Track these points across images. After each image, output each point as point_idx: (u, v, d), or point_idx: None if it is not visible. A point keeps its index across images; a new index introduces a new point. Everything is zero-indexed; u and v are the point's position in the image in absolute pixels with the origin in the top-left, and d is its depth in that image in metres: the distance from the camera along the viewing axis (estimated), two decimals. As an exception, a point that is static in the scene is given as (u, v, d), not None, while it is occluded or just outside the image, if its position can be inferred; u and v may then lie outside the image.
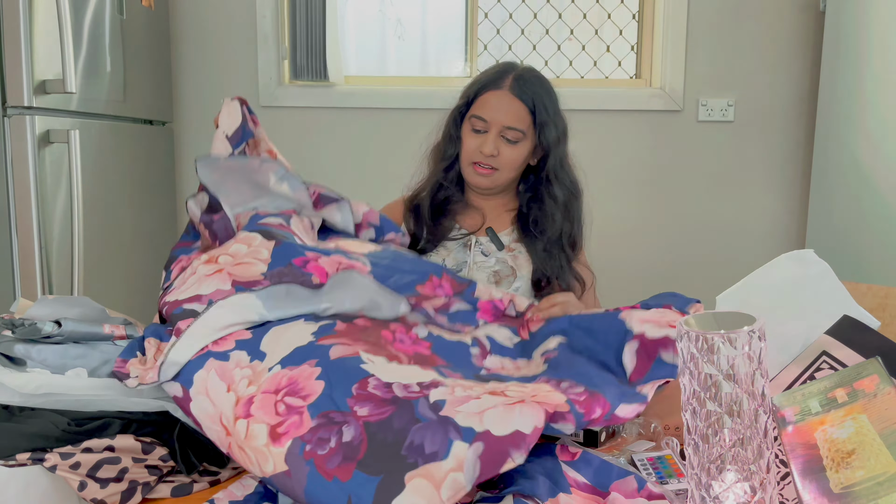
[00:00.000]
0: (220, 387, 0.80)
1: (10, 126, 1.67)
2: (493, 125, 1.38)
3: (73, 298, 1.04)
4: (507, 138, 1.39)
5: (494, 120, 1.38)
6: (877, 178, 2.07)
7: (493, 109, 1.39)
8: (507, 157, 1.40)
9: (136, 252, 2.21)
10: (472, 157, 1.41)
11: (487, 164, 1.40)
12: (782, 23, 2.55)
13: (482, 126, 1.39)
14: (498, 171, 1.41)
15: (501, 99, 1.39)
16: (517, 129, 1.38)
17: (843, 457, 0.67)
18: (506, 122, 1.38)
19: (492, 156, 1.39)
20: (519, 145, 1.40)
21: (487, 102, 1.40)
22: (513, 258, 1.44)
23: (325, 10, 2.52)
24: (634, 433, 0.97)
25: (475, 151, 1.40)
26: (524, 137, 1.40)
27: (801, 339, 0.91)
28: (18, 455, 0.79)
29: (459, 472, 0.69)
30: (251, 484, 0.84)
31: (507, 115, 1.38)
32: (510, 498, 0.74)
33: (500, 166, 1.40)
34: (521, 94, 1.39)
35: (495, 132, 1.38)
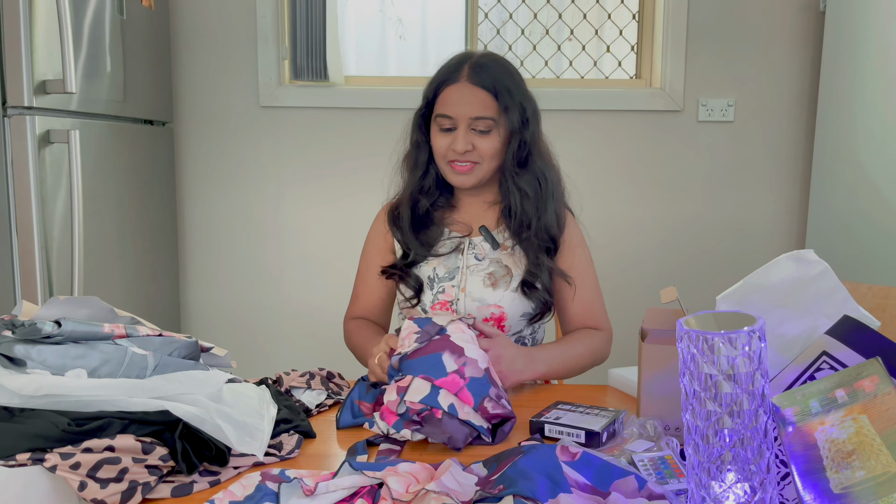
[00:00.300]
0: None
1: (10, 126, 1.67)
2: (460, 120, 1.33)
3: (82, 299, 1.03)
4: (479, 129, 1.33)
5: (460, 114, 1.32)
6: (877, 178, 2.07)
7: (455, 104, 1.33)
8: (484, 148, 1.34)
9: (136, 252, 2.21)
10: (447, 156, 1.36)
11: (466, 161, 1.34)
12: (782, 23, 2.55)
13: (449, 124, 1.34)
14: (479, 165, 1.35)
15: (462, 91, 1.33)
16: (486, 118, 1.32)
17: (843, 457, 0.67)
18: (471, 113, 1.32)
19: (467, 151, 1.33)
20: (492, 134, 1.34)
21: (448, 98, 1.34)
22: (508, 256, 1.39)
23: (325, 10, 2.52)
24: (635, 433, 0.97)
25: (448, 150, 1.35)
26: (495, 125, 1.33)
27: (801, 339, 0.91)
28: (18, 455, 0.79)
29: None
30: (251, 484, 0.84)
31: (471, 107, 1.32)
32: (510, 498, 0.74)
33: (479, 159, 1.35)
34: (480, 81, 1.33)
35: (464, 126, 1.32)
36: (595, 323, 1.41)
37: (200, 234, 2.65)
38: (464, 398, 1.00)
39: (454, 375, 1.00)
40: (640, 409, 1.04)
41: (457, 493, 0.79)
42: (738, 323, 0.65)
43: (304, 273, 2.67)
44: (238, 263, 2.67)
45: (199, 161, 2.62)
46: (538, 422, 1.02)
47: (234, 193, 2.63)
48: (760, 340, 0.64)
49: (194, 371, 0.97)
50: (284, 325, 2.68)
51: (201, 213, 2.64)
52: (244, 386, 1.02)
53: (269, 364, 2.62)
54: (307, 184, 2.62)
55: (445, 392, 0.99)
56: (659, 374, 1.02)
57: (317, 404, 1.13)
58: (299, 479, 0.84)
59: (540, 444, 0.86)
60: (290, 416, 1.03)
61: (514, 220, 1.38)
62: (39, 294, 1.73)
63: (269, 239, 2.65)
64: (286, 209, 2.64)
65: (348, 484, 0.83)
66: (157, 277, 2.38)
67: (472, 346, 1.06)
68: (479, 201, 1.45)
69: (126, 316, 1.07)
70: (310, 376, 1.21)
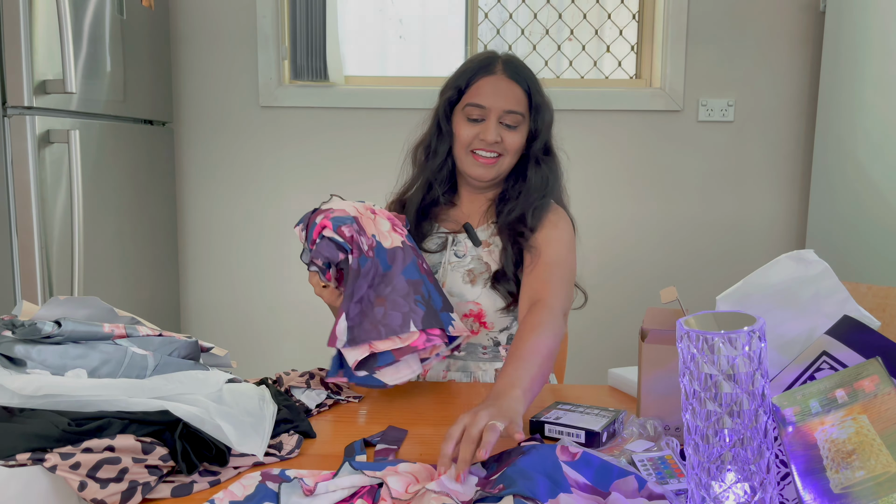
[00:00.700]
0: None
1: (10, 126, 1.67)
2: (492, 111, 1.34)
3: (82, 299, 1.03)
4: (507, 123, 1.35)
5: (494, 105, 1.34)
6: (877, 178, 2.07)
7: (490, 95, 1.34)
8: (510, 142, 1.36)
9: (136, 252, 2.21)
10: (471, 145, 1.36)
11: (492, 151, 1.35)
12: (782, 23, 2.55)
13: (479, 114, 1.35)
14: (502, 157, 1.37)
15: (498, 83, 1.35)
16: (517, 113, 1.35)
17: (843, 457, 0.67)
18: (506, 105, 1.34)
19: (495, 142, 1.34)
20: (519, 129, 1.36)
21: (483, 88, 1.35)
22: (488, 253, 1.39)
23: (325, 11, 2.52)
24: (635, 433, 0.97)
25: (474, 139, 1.35)
26: (523, 121, 1.37)
27: (801, 339, 0.91)
28: (18, 455, 0.79)
29: None
30: (252, 484, 0.84)
31: (506, 100, 1.34)
32: (510, 498, 0.74)
33: (504, 151, 1.36)
34: (515, 76, 1.36)
35: (495, 118, 1.34)
36: (547, 295, 1.24)
37: (200, 234, 2.65)
38: (327, 225, 1.15)
39: (319, 214, 1.19)
40: (640, 409, 1.04)
41: (456, 493, 0.79)
42: (738, 323, 0.65)
43: (304, 273, 2.66)
44: (238, 263, 2.67)
45: (199, 161, 2.62)
46: (538, 422, 1.02)
47: (234, 193, 2.63)
48: (760, 340, 0.64)
49: (194, 371, 0.97)
50: (284, 325, 2.68)
51: (201, 213, 2.64)
52: (244, 386, 1.02)
53: (269, 364, 2.62)
54: (307, 184, 2.62)
55: (317, 225, 1.17)
56: (659, 374, 1.02)
57: (317, 404, 1.13)
58: (299, 479, 0.84)
59: (540, 444, 0.86)
60: (290, 416, 1.03)
61: (507, 204, 1.39)
62: (39, 294, 1.73)
63: (269, 238, 2.65)
64: (286, 209, 2.64)
65: (348, 484, 0.83)
66: (157, 277, 2.38)
67: (339, 206, 1.20)
68: (482, 198, 1.45)
69: (126, 316, 1.07)
70: (310, 376, 1.21)
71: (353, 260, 1.15)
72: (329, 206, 1.21)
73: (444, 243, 1.41)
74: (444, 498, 0.77)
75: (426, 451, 0.99)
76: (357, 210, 1.20)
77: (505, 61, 1.37)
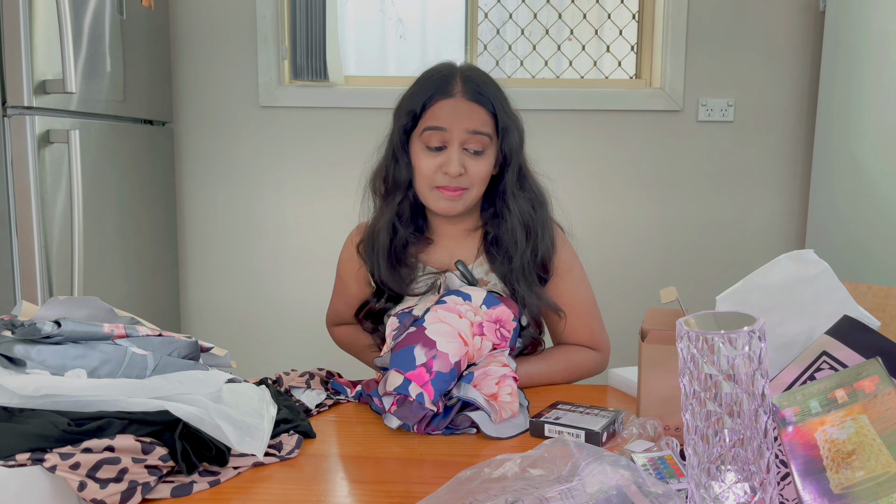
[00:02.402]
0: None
1: (10, 126, 1.67)
2: (454, 134, 1.19)
3: (82, 299, 1.03)
4: (472, 150, 1.21)
5: (455, 127, 1.19)
6: (877, 178, 2.07)
7: (451, 117, 1.19)
8: (475, 171, 1.21)
9: (136, 252, 2.21)
10: (434, 180, 1.22)
11: (455, 185, 1.21)
12: (782, 23, 2.55)
13: (440, 139, 1.20)
14: (468, 191, 1.23)
15: (458, 105, 1.20)
16: (483, 134, 1.20)
17: (843, 457, 0.67)
18: (470, 126, 1.19)
19: (459, 175, 1.19)
20: (485, 155, 1.22)
21: (441, 111, 1.20)
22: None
23: (325, 10, 2.52)
24: (634, 433, 0.97)
25: (436, 173, 1.21)
26: (490, 145, 1.22)
27: (801, 339, 0.91)
28: (18, 455, 0.78)
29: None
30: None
31: (469, 120, 1.19)
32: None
33: (470, 184, 1.22)
34: (477, 97, 1.21)
35: (457, 144, 1.20)
36: (592, 342, 1.33)
37: (200, 234, 2.65)
38: (428, 391, 1.04)
39: (421, 368, 1.04)
40: (640, 409, 1.04)
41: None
42: (738, 323, 0.65)
43: (303, 273, 2.67)
44: (238, 263, 2.67)
45: (199, 161, 2.62)
46: (538, 422, 1.02)
47: (233, 193, 2.63)
48: (760, 340, 0.64)
49: (194, 371, 0.96)
50: (284, 325, 2.68)
51: (201, 213, 2.64)
52: (244, 386, 1.01)
53: (269, 364, 2.62)
54: (307, 183, 2.62)
55: (415, 384, 1.03)
56: (659, 374, 1.02)
57: (317, 404, 1.13)
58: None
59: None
60: (290, 416, 1.03)
61: (502, 250, 1.26)
62: (39, 294, 1.73)
63: (269, 239, 2.65)
64: (286, 209, 2.64)
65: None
66: (157, 277, 2.38)
67: (446, 340, 1.07)
68: (458, 230, 1.31)
69: (126, 316, 1.07)
70: (309, 376, 1.21)
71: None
72: (433, 336, 1.07)
73: (434, 284, 1.28)
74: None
75: (427, 450, 0.99)
76: (462, 339, 1.08)
77: (464, 79, 1.23)
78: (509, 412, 1.06)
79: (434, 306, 1.12)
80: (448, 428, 1.05)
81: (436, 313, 1.10)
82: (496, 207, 1.28)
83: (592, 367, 1.32)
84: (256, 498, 0.84)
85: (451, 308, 1.11)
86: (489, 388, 1.08)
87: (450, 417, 1.05)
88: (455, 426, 1.05)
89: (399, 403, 1.03)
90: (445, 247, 1.32)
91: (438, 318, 1.09)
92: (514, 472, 0.77)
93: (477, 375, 1.09)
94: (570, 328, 1.33)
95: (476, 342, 1.10)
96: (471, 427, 1.05)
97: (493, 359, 1.12)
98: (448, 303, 1.12)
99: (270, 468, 0.92)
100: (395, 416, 1.03)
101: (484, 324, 1.11)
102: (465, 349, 1.08)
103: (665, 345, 1.01)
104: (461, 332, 1.08)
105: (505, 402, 1.07)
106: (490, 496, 0.71)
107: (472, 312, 1.11)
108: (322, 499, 0.84)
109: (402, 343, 1.08)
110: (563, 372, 1.28)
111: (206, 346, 1.07)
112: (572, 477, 0.74)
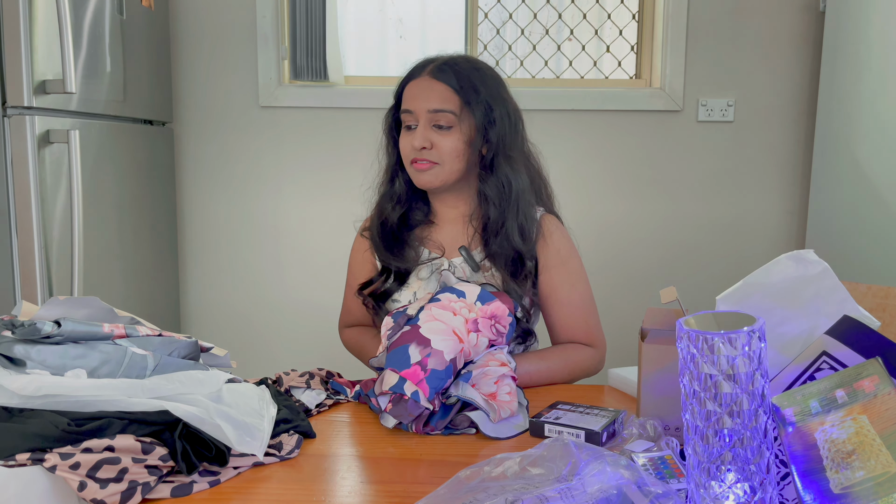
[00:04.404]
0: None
1: (10, 126, 1.67)
2: (419, 114, 1.29)
3: (81, 299, 1.03)
4: (439, 125, 1.28)
5: (418, 108, 1.29)
6: (876, 178, 2.07)
7: (415, 98, 1.30)
8: (443, 146, 1.29)
9: (136, 252, 2.21)
10: (409, 155, 1.31)
11: (424, 158, 1.29)
12: (782, 23, 2.55)
13: (411, 120, 1.31)
14: (439, 166, 1.30)
15: (421, 84, 1.30)
16: (445, 111, 1.28)
17: (843, 457, 0.67)
18: (429, 105, 1.28)
19: (424, 148, 1.28)
20: (453, 131, 1.29)
21: (409, 93, 1.31)
22: (490, 277, 1.32)
23: (325, 10, 2.52)
24: (634, 433, 0.97)
25: (410, 149, 1.30)
26: (456, 121, 1.28)
27: (801, 339, 0.91)
28: (18, 455, 0.78)
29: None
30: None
31: (429, 100, 1.28)
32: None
33: (439, 159, 1.29)
34: (442, 76, 1.29)
35: (424, 122, 1.29)
36: (587, 338, 1.35)
37: (200, 234, 2.65)
38: (423, 389, 1.04)
39: (416, 367, 1.04)
40: (640, 409, 1.04)
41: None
42: (738, 323, 0.65)
43: (303, 273, 2.67)
44: (238, 263, 2.67)
45: (199, 161, 2.62)
46: (538, 422, 1.02)
47: (233, 193, 2.63)
48: (760, 340, 0.64)
49: (194, 371, 0.96)
50: (284, 325, 2.68)
51: (201, 213, 2.64)
52: (244, 386, 1.01)
53: (269, 364, 2.62)
54: (307, 183, 2.62)
55: (410, 382, 1.03)
56: (659, 374, 1.02)
57: (317, 404, 1.13)
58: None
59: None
60: (290, 416, 1.03)
61: (489, 233, 1.31)
62: (39, 294, 1.73)
63: (269, 239, 2.65)
64: (286, 209, 2.64)
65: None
66: (157, 277, 2.38)
67: (440, 338, 1.07)
68: (456, 214, 1.39)
69: (126, 316, 1.07)
70: (309, 376, 1.21)
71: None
72: (427, 335, 1.08)
73: (437, 269, 1.35)
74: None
75: (426, 450, 0.99)
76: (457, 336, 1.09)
77: (439, 63, 1.31)
78: (508, 411, 1.06)
79: (428, 304, 1.12)
80: (447, 428, 1.05)
81: (430, 311, 1.10)
82: (485, 187, 1.33)
83: (590, 365, 1.33)
84: (256, 498, 0.84)
85: (445, 306, 1.11)
86: (488, 387, 1.08)
87: (449, 417, 1.05)
88: (454, 426, 1.05)
89: (395, 402, 1.03)
90: (447, 232, 1.39)
91: (433, 315, 1.10)
92: (514, 472, 0.77)
93: (475, 375, 1.09)
94: (566, 323, 1.35)
95: (471, 339, 1.10)
96: (470, 427, 1.05)
97: (492, 357, 1.13)
98: (442, 300, 1.12)
99: (270, 468, 0.92)
100: (390, 415, 1.03)
101: (479, 320, 1.11)
102: (460, 346, 1.09)
103: (665, 345, 1.01)
104: (455, 330, 1.09)
105: (503, 401, 1.07)
106: (490, 495, 0.71)
107: (467, 309, 1.11)
108: (322, 499, 0.84)
109: (397, 342, 1.09)
110: (562, 370, 1.29)
111: (206, 346, 1.07)
112: (572, 476, 0.74)
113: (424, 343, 1.07)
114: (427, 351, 1.06)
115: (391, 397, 1.04)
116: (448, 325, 1.09)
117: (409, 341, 1.07)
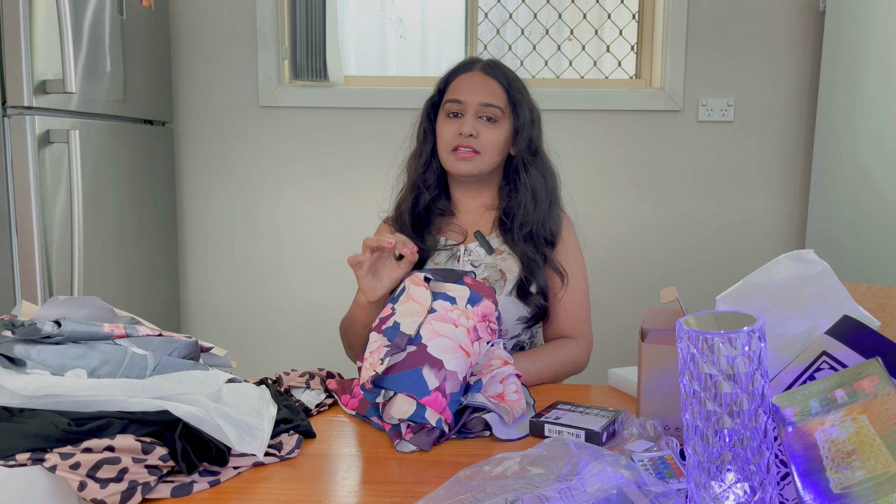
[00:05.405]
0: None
1: (10, 126, 1.67)
2: (469, 105, 1.35)
3: (81, 299, 1.03)
4: (486, 117, 1.36)
5: (470, 100, 1.35)
6: (877, 178, 2.07)
7: (467, 90, 1.36)
8: (488, 138, 1.35)
9: (136, 252, 2.21)
10: (451, 142, 1.36)
11: (468, 147, 1.35)
12: (782, 23, 2.55)
13: (458, 108, 1.36)
14: (480, 155, 1.36)
15: (475, 78, 1.38)
16: (494, 106, 1.35)
17: (843, 457, 0.67)
18: (482, 98, 1.35)
19: (471, 136, 1.34)
20: (498, 125, 1.36)
21: (461, 84, 1.38)
22: (502, 260, 1.38)
23: (325, 10, 2.52)
24: (634, 433, 0.97)
25: (453, 136, 1.35)
26: (502, 116, 1.37)
27: (801, 339, 0.91)
28: (18, 455, 0.79)
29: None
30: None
31: (482, 93, 1.36)
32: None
33: (481, 149, 1.35)
34: (493, 73, 1.39)
35: (472, 113, 1.35)
36: (575, 330, 1.40)
37: (200, 234, 2.65)
38: (447, 417, 1.01)
39: (437, 393, 1.00)
40: (640, 409, 1.04)
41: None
42: (738, 323, 0.65)
43: (303, 273, 2.67)
44: (238, 263, 2.67)
45: (199, 161, 2.62)
46: (538, 422, 1.02)
47: (233, 193, 2.63)
48: (760, 340, 0.64)
49: (194, 371, 0.97)
50: (284, 325, 2.68)
51: (201, 213, 2.64)
52: (244, 386, 1.01)
53: (269, 364, 2.62)
54: (307, 184, 2.62)
55: (431, 410, 1.00)
56: (659, 374, 1.02)
57: (316, 404, 1.13)
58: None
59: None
60: (290, 416, 1.03)
61: (515, 219, 1.38)
62: (39, 294, 1.73)
63: (269, 239, 2.65)
64: (286, 209, 2.64)
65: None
66: (157, 277, 2.38)
67: (451, 357, 1.03)
68: (477, 204, 1.45)
69: (126, 316, 1.07)
70: (309, 376, 1.21)
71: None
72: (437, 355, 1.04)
73: (454, 254, 1.40)
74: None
75: (427, 451, 0.99)
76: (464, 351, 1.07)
77: (487, 61, 1.41)
78: (519, 410, 1.06)
79: (427, 317, 1.07)
80: (461, 432, 1.04)
81: (430, 325, 1.06)
82: (510, 182, 1.40)
83: (579, 359, 1.37)
84: (256, 498, 0.84)
85: (443, 318, 1.07)
86: (494, 388, 1.08)
87: (461, 423, 1.04)
88: (468, 430, 1.04)
89: (414, 430, 0.99)
90: (465, 220, 1.44)
91: (436, 331, 1.05)
92: (514, 471, 0.77)
93: (486, 382, 1.08)
94: (565, 303, 1.40)
95: (476, 349, 1.09)
96: (484, 430, 1.04)
97: (492, 355, 1.12)
98: (438, 311, 1.07)
99: (270, 468, 0.92)
100: (411, 443, 0.99)
101: (477, 326, 1.09)
102: (468, 361, 1.06)
103: (665, 345, 1.01)
104: (462, 345, 1.05)
105: (513, 400, 1.07)
106: (489, 495, 0.71)
107: (464, 317, 1.08)
108: (322, 499, 0.84)
109: (406, 364, 1.02)
110: (556, 365, 1.32)
111: (206, 346, 1.07)
112: (572, 476, 0.74)
113: (438, 365, 1.02)
114: (442, 374, 1.01)
115: (410, 426, 1.00)
116: (454, 341, 1.05)
117: (420, 363, 1.01)
